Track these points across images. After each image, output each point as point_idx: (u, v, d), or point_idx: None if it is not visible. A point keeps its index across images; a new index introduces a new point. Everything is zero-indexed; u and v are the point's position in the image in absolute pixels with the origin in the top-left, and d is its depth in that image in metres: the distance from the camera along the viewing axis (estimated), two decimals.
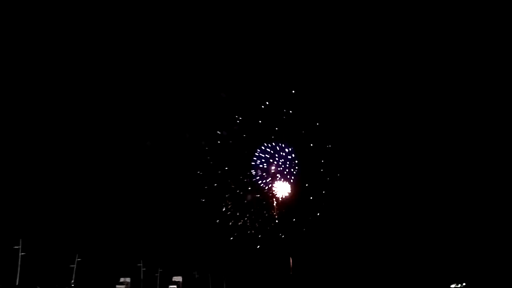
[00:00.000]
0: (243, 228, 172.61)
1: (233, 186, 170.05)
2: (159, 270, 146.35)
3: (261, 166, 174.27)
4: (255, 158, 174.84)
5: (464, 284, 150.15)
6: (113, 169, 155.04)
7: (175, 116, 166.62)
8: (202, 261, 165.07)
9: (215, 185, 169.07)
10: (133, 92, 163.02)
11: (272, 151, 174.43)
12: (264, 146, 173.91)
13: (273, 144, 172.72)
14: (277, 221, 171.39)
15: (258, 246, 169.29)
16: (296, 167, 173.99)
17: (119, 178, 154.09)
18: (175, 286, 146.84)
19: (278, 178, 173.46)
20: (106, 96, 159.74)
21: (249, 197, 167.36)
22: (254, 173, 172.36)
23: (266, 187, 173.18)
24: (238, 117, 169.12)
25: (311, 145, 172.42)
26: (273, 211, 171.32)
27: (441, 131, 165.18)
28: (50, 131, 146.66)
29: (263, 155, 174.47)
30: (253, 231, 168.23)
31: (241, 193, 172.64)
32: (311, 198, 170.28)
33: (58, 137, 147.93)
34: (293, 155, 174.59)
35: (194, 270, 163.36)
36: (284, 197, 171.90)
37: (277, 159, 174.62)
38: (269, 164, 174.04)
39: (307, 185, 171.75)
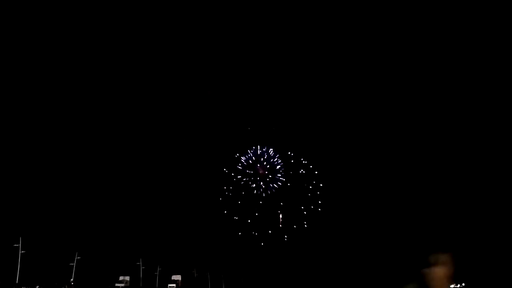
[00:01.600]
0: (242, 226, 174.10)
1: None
2: (158, 269, 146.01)
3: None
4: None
5: (463, 284, 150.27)
6: (113, 168, 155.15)
7: (168, 116, 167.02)
8: (201, 259, 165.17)
9: (214, 184, 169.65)
10: (129, 91, 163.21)
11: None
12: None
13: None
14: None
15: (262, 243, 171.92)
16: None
17: (119, 178, 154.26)
18: (174, 285, 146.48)
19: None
20: (102, 95, 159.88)
21: None
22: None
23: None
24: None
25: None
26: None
27: (425, 131, 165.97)
28: (49, 131, 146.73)
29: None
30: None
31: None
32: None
33: (57, 137, 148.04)
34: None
35: (193, 268, 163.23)
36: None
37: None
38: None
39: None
